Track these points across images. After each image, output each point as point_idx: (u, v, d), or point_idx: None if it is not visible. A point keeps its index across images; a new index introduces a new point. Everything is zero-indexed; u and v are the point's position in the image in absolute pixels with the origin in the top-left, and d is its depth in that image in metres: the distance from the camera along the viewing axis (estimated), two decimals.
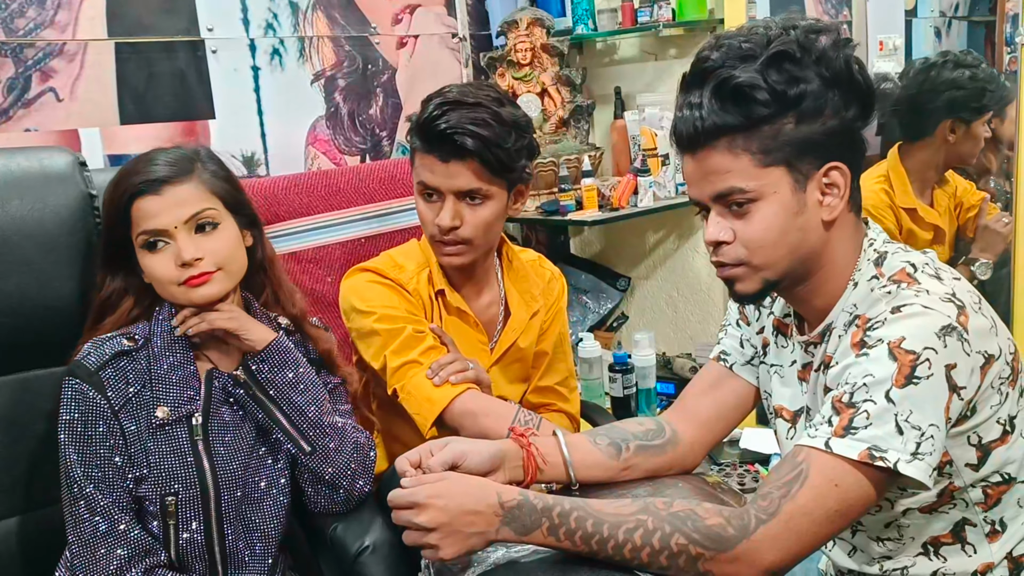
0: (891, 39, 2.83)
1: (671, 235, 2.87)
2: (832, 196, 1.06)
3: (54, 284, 1.40)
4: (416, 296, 1.56)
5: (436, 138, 1.44)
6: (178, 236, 1.27)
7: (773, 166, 1.03)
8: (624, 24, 2.65)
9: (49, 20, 1.95)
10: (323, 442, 1.35)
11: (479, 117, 1.43)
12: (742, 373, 1.29)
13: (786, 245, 1.06)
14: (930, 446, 0.96)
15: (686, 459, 1.27)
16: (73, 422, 1.26)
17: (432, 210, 1.50)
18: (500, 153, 1.44)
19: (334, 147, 2.42)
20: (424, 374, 1.47)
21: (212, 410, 1.33)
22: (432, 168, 1.47)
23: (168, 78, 2.12)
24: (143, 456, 1.28)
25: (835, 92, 1.03)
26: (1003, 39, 2.55)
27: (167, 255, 1.28)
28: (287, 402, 1.33)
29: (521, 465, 1.17)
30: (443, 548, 1.01)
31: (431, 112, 1.45)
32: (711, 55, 1.05)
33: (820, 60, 1.02)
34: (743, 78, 1.01)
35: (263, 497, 1.37)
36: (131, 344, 1.30)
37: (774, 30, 1.04)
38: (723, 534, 0.97)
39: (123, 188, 1.28)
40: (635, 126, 2.63)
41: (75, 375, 1.27)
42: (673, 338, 2.94)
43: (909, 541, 1.11)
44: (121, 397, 1.28)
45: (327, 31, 2.38)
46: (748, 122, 1.02)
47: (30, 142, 1.92)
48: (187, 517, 1.30)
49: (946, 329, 0.97)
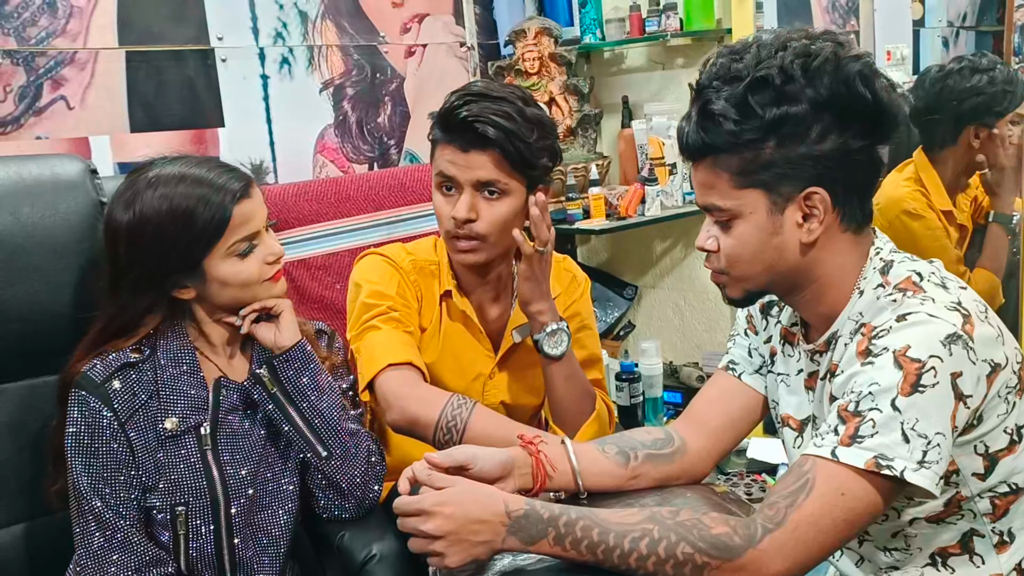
0: (899, 49, 2.83)
1: (678, 244, 2.87)
2: (813, 219, 1.06)
3: (64, 291, 1.40)
4: (415, 287, 1.54)
5: (458, 127, 1.42)
6: (264, 235, 1.31)
7: (750, 188, 1.05)
8: (632, 34, 2.66)
9: (60, 29, 1.97)
10: (339, 448, 1.35)
11: (502, 110, 1.41)
12: (751, 382, 1.29)
13: (761, 263, 1.09)
14: (936, 454, 0.96)
15: (695, 468, 1.27)
16: (79, 435, 1.25)
17: (449, 203, 1.46)
18: (521, 146, 1.41)
19: (342, 155, 2.43)
20: (379, 335, 1.45)
21: (220, 419, 1.33)
22: (452, 158, 1.44)
23: (178, 86, 2.13)
24: (152, 467, 1.28)
25: (827, 114, 1.02)
26: (1011, 49, 2.54)
27: (256, 256, 1.30)
28: (307, 404, 1.33)
29: (530, 472, 1.17)
30: (448, 556, 1.01)
31: (454, 102, 1.43)
32: (703, 72, 1.07)
33: (810, 83, 1.01)
34: (717, 106, 1.03)
35: (273, 504, 1.37)
36: (137, 356, 1.29)
37: (765, 51, 1.03)
38: (729, 543, 0.97)
39: (217, 198, 1.25)
40: (642, 135, 2.64)
41: (81, 387, 1.26)
42: (680, 347, 2.93)
43: (916, 551, 1.11)
44: (128, 409, 1.27)
45: (336, 40, 2.39)
46: (725, 144, 1.04)
47: (41, 150, 1.93)
48: (197, 526, 1.30)
49: (951, 337, 0.97)
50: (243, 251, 1.28)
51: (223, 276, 1.28)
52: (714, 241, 1.11)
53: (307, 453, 1.35)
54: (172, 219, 1.24)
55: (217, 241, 1.26)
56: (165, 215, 1.24)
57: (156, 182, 1.26)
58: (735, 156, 1.04)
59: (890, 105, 1.04)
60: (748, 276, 1.11)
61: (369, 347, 1.46)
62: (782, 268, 1.09)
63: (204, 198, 1.24)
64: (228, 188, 1.26)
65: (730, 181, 1.05)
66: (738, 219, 1.07)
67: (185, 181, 1.26)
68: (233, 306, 1.32)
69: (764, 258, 1.08)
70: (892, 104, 1.04)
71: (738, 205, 1.06)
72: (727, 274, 1.12)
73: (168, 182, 1.26)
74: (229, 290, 1.29)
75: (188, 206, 1.24)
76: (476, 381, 1.58)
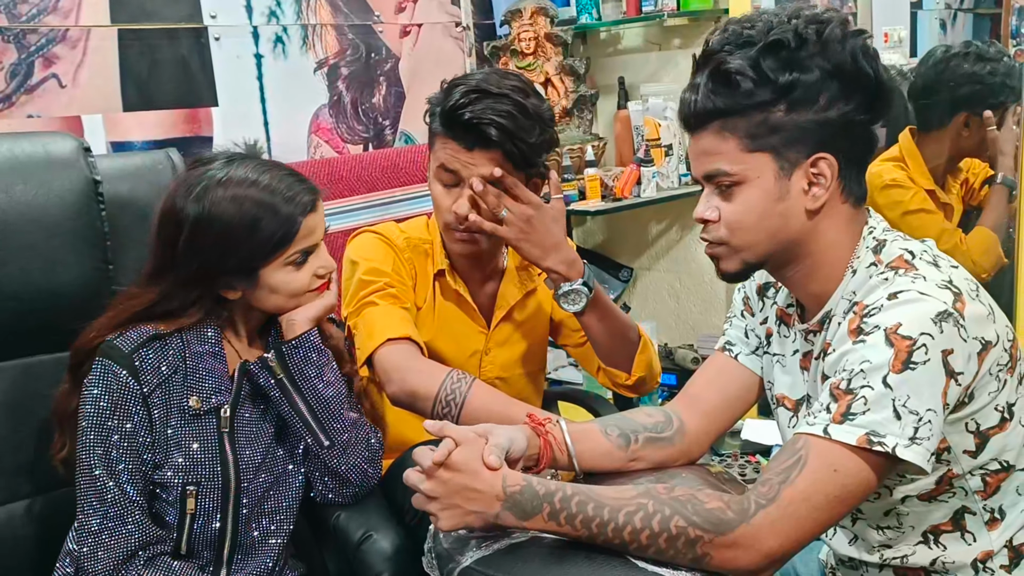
0: (896, 31, 2.82)
1: (674, 225, 2.87)
2: (818, 186, 1.07)
3: (57, 269, 1.40)
4: (409, 264, 1.55)
5: (461, 126, 1.42)
6: (322, 248, 1.33)
7: (759, 151, 1.05)
8: (628, 13, 2.65)
9: (52, 6, 1.95)
10: (341, 436, 1.35)
11: (505, 108, 1.41)
12: (747, 363, 1.30)
13: (764, 229, 1.08)
14: (928, 431, 0.97)
15: (691, 449, 1.28)
16: (100, 404, 1.24)
17: (449, 196, 1.47)
18: (524, 147, 1.43)
19: (337, 135, 2.42)
20: (376, 311, 1.47)
21: (240, 402, 1.33)
22: (454, 154, 1.45)
23: (171, 65, 2.12)
24: (167, 442, 1.28)
25: (835, 83, 1.04)
26: (1008, 31, 2.54)
27: (309, 267, 1.31)
28: (312, 392, 1.33)
29: (537, 453, 1.19)
30: (441, 519, 1.04)
31: (457, 100, 1.42)
32: (713, 39, 1.07)
33: (821, 51, 1.03)
34: (733, 64, 1.03)
35: (280, 490, 1.38)
36: (164, 327, 1.28)
37: (777, 19, 1.05)
38: (722, 517, 0.98)
39: (287, 209, 1.26)
40: (638, 116, 2.63)
41: (108, 356, 1.25)
42: (675, 329, 2.94)
43: (909, 529, 1.11)
44: (153, 382, 1.26)
45: (330, 19, 2.38)
46: (737, 107, 1.04)
47: (33, 128, 1.92)
48: (206, 506, 1.30)
49: (942, 315, 0.98)
50: (299, 261, 1.29)
51: (275, 284, 1.29)
52: (715, 211, 1.10)
53: (308, 440, 1.35)
54: (241, 223, 1.24)
55: (281, 251, 1.27)
56: (235, 218, 1.24)
57: (228, 182, 1.26)
58: (744, 119, 1.05)
59: (888, 83, 1.07)
60: (749, 244, 1.10)
61: (368, 322, 1.46)
62: (783, 237, 1.09)
63: (274, 208, 1.25)
64: (299, 201, 1.27)
65: (738, 145, 1.06)
66: (743, 184, 1.07)
67: (257, 186, 1.26)
68: (275, 312, 1.33)
69: (767, 225, 1.08)
70: (890, 82, 1.07)
71: (746, 169, 1.06)
72: (726, 244, 1.11)
73: (241, 184, 1.25)
74: (276, 297, 1.31)
75: (258, 213, 1.24)
76: (472, 357, 1.60)
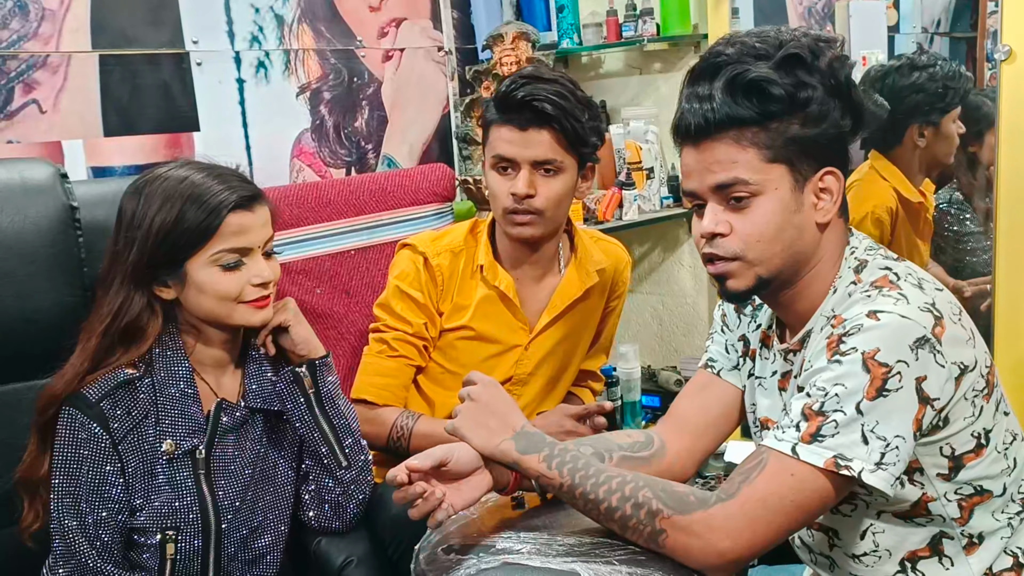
0: (874, 54, 2.85)
1: (656, 248, 2.88)
2: (825, 200, 1.09)
3: (34, 297, 1.39)
4: (437, 272, 1.63)
5: (515, 107, 1.51)
6: (257, 257, 1.29)
7: (776, 163, 1.06)
8: (609, 38, 2.67)
9: (33, 32, 1.95)
10: (356, 457, 1.36)
11: (556, 90, 1.50)
12: (728, 378, 1.30)
13: (781, 241, 1.08)
14: (895, 456, 0.98)
15: (673, 469, 1.27)
16: (68, 455, 1.23)
17: (506, 181, 1.55)
18: (576, 124, 1.52)
19: (319, 159, 2.42)
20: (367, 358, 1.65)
21: (216, 441, 1.32)
22: (509, 138, 1.53)
23: (152, 90, 2.11)
24: (142, 488, 1.27)
25: (836, 101, 1.06)
26: (984, 55, 2.57)
27: (241, 274, 1.28)
28: (335, 411, 1.34)
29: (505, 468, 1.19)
30: (462, 426, 1.15)
31: (509, 85, 1.52)
32: (725, 50, 1.07)
33: (829, 68, 1.05)
34: (758, 73, 1.04)
35: (264, 527, 1.36)
36: (133, 372, 1.27)
37: (785, 35, 1.07)
38: (685, 499, 1.02)
39: (214, 201, 1.26)
40: (620, 140, 2.64)
41: (74, 406, 1.24)
42: (658, 351, 2.94)
43: (885, 554, 1.11)
44: (123, 429, 1.25)
45: (312, 44, 2.38)
46: (760, 116, 1.04)
47: (12, 154, 1.91)
48: (186, 551, 1.28)
49: (919, 341, 0.99)
50: (228, 263, 1.28)
51: (200, 282, 1.27)
52: (726, 224, 1.08)
53: (327, 461, 1.34)
54: (169, 213, 1.26)
55: (202, 244, 1.26)
56: (162, 208, 1.26)
57: (167, 178, 1.29)
58: (763, 129, 1.05)
59: (864, 106, 1.09)
60: (765, 258, 1.08)
61: (361, 365, 1.66)
62: (797, 249, 1.09)
63: (201, 200, 1.26)
64: (226, 197, 1.27)
65: (757, 155, 1.05)
66: (762, 196, 1.06)
67: (191, 182, 1.28)
68: (212, 320, 1.31)
69: (785, 236, 1.08)
70: (864, 105, 1.10)
71: (766, 180, 1.06)
72: (741, 259, 1.09)
73: (177, 180, 1.28)
74: (205, 299, 1.28)
75: (184, 204, 1.26)
76: (511, 352, 1.68)
